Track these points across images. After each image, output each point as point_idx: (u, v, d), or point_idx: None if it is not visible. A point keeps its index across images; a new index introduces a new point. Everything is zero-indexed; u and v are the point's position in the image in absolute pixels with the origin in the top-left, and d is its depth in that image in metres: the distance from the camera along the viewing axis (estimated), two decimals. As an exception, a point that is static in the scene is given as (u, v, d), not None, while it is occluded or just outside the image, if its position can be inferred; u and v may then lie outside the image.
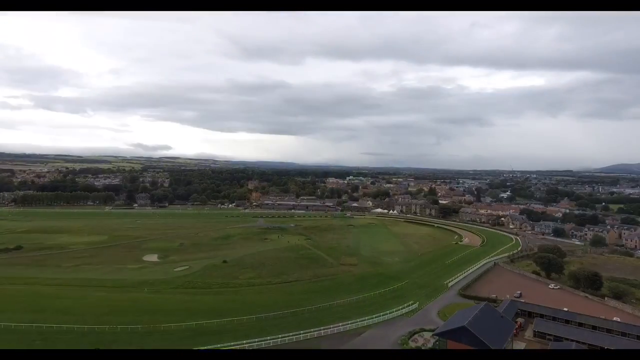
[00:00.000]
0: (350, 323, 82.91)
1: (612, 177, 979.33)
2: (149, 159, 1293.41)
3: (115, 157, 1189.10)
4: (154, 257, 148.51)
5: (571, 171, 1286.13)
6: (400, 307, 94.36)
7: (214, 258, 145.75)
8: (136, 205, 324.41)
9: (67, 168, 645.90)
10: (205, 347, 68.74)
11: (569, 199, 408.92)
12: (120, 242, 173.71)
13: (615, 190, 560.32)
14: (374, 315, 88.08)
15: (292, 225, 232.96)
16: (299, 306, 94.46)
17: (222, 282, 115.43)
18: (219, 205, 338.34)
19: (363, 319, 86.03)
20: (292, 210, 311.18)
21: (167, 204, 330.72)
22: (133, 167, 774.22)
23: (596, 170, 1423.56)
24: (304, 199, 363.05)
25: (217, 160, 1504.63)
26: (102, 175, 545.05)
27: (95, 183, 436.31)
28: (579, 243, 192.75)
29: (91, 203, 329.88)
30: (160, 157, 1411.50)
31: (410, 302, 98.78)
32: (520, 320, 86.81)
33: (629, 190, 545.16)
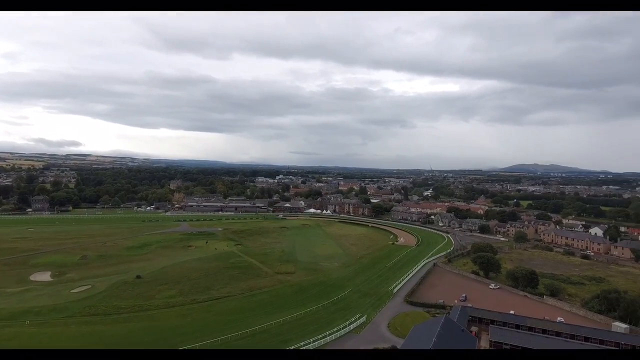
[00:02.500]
0: (294, 349, 70.03)
1: (515, 175, 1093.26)
2: (53, 156, 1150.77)
3: (11, 153, 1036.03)
4: (45, 276, 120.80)
5: (481, 170, 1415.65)
6: (347, 323, 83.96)
7: (125, 273, 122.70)
8: (30, 210, 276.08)
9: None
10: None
11: (485, 197, 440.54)
12: (1, 257, 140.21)
13: (520, 187, 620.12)
14: (319, 336, 76.38)
15: (219, 229, 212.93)
16: (231, 330, 79.09)
17: (134, 305, 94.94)
18: (135, 208, 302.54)
19: (307, 341, 73.93)
20: (220, 212, 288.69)
21: (70, 208, 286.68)
22: (33, 165, 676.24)
23: (501, 169, 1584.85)
24: (233, 199, 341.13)
25: (135, 159, 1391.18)
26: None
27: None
28: (503, 239, 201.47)
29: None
30: (67, 155, 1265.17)
31: (357, 315, 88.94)
32: (474, 329, 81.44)
33: (531, 188, 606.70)
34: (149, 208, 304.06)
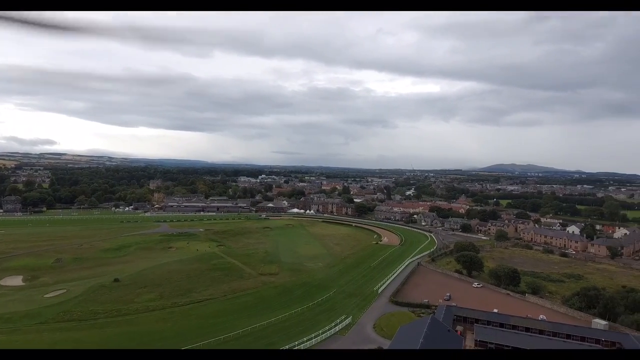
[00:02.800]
0: (279, 353, 68.36)
1: (494, 175, 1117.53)
2: (26, 155, 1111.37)
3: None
4: (16, 280, 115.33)
5: (461, 170, 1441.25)
6: (333, 324, 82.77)
7: (103, 276, 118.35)
8: (1, 210, 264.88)
9: None
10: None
11: (465, 196, 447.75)
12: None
13: (499, 187, 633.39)
14: (304, 338, 75.05)
15: (201, 229, 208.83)
16: (213, 334, 76.87)
17: (112, 309, 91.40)
18: (113, 208, 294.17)
19: (293, 344, 72.57)
20: (201, 213, 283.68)
21: (44, 209, 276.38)
22: (4, 165, 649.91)
23: (480, 169, 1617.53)
24: (215, 199, 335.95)
25: (113, 158, 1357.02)
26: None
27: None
28: (484, 238, 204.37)
29: None
30: (41, 153, 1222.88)
31: (342, 317, 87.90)
32: (459, 328, 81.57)
33: (510, 187, 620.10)
34: (127, 208, 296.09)
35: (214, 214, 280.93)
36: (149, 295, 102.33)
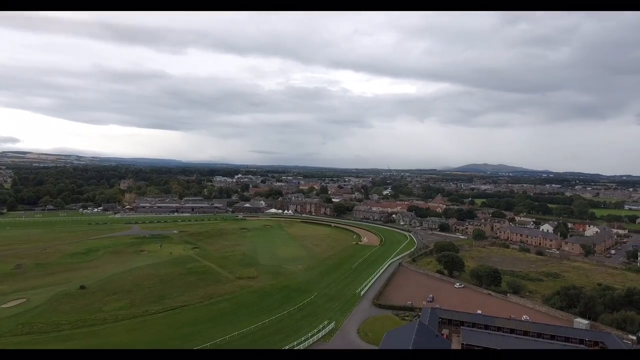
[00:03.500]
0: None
1: (467, 175, 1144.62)
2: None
3: None
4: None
5: (436, 170, 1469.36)
6: (315, 330, 79.40)
7: (67, 283, 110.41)
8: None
9: None
10: None
11: (441, 195, 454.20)
12: None
13: (473, 186, 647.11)
14: (286, 347, 71.25)
15: (175, 231, 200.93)
16: (188, 344, 72.10)
17: (77, 320, 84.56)
18: (81, 210, 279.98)
19: (274, 353, 68.31)
20: (175, 214, 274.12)
21: (4, 210, 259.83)
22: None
23: (454, 169, 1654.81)
24: (189, 200, 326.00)
25: (82, 157, 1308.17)
26: None
27: None
28: (462, 237, 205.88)
29: None
30: (3, 152, 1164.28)
31: (325, 322, 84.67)
32: (445, 332, 79.81)
33: (483, 187, 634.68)
34: (96, 210, 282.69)
35: (189, 215, 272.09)
36: (118, 303, 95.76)
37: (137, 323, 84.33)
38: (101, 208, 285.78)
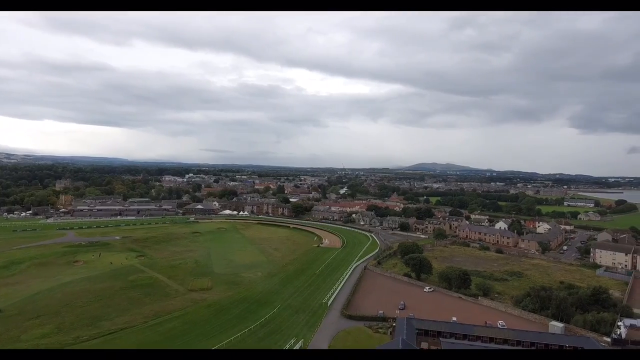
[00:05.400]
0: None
1: (418, 173, 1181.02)
2: None
3: None
4: None
5: (388, 169, 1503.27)
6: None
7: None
8: None
9: None
10: None
11: (397, 194, 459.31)
12: None
13: (426, 185, 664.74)
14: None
15: (117, 237, 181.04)
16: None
17: (-16, 354, 68.31)
18: (6, 214, 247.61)
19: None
20: (119, 217, 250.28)
21: None
22: None
23: (406, 168, 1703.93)
24: (135, 201, 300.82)
25: (12, 155, 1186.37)
26: None
27: None
28: (423, 236, 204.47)
29: None
30: None
31: (292, 340, 75.31)
32: (424, 345, 73.18)
33: (435, 185, 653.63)
34: (24, 214, 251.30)
35: (134, 218, 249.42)
36: (41, 329, 79.83)
37: (63, 355, 69.54)
38: (30, 212, 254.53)
